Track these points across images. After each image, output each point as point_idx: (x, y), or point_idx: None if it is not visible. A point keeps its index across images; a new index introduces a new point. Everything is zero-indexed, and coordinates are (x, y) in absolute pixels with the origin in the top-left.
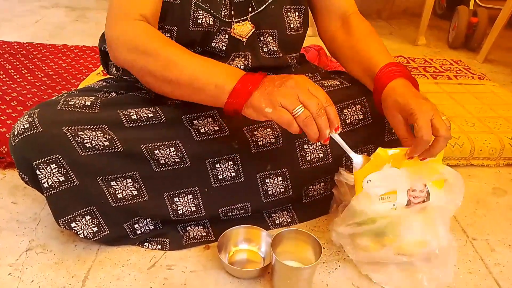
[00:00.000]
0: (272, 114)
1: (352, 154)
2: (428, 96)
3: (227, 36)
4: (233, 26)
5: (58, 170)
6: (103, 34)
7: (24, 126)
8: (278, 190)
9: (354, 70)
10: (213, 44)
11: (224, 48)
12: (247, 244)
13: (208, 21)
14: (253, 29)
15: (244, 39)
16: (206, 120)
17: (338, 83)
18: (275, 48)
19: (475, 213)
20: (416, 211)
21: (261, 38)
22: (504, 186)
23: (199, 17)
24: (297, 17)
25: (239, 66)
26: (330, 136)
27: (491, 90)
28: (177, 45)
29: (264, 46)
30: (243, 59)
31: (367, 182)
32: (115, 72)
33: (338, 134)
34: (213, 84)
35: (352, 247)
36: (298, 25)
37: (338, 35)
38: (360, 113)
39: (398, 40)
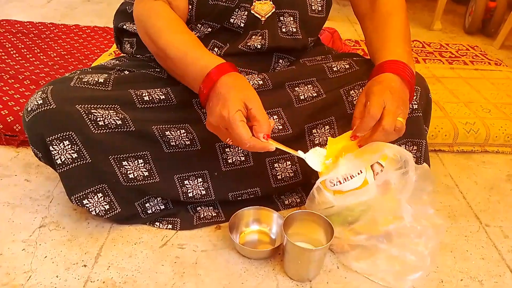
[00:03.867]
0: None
1: (297, 153)
2: (444, 81)
3: (246, 13)
4: (254, 4)
5: (71, 147)
6: (118, 11)
7: (37, 102)
8: (287, 175)
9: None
10: (231, 20)
11: (242, 25)
12: (258, 225)
13: None
14: (274, 9)
15: (263, 18)
16: None
17: (347, 66)
18: (295, 29)
19: (489, 200)
20: (380, 194)
21: (281, 18)
22: None
23: None
24: (319, 0)
25: (255, 44)
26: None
27: (508, 76)
28: (174, 28)
29: (283, 26)
30: (260, 37)
31: (332, 184)
32: (129, 49)
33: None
34: (200, 73)
35: None
36: (320, 8)
37: (366, 19)
38: None
39: (413, 25)
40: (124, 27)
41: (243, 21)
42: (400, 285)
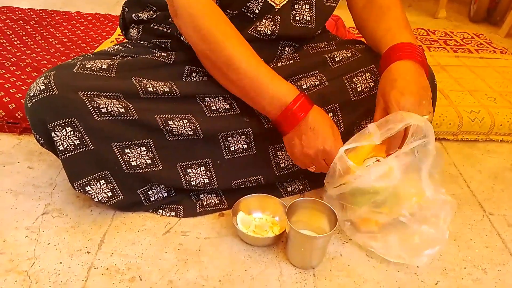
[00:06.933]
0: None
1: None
2: (448, 69)
3: (263, 0)
4: None
5: (73, 134)
6: None
7: (40, 88)
8: (290, 163)
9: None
10: (248, 4)
11: (257, 11)
12: (262, 212)
13: None
14: None
15: (278, 6)
16: (217, 98)
17: (350, 54)
18: (309, 18)
19: (493, 188)
20: (404, 173)
21: (296, 6)
22: None
23: None
24: None
25: (266, 30)
26: None
27: None
28: (239, 38)
29: (297, 15)
30: (272, 23)
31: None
32: (135, 34)
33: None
34: (270, 96)
35: (340, 209)
36: None
37: (364, 11)
38: (371, 80)
39: (417, 13)
40: (139, 16)
41: (258, 8)
42: (415, 261)
